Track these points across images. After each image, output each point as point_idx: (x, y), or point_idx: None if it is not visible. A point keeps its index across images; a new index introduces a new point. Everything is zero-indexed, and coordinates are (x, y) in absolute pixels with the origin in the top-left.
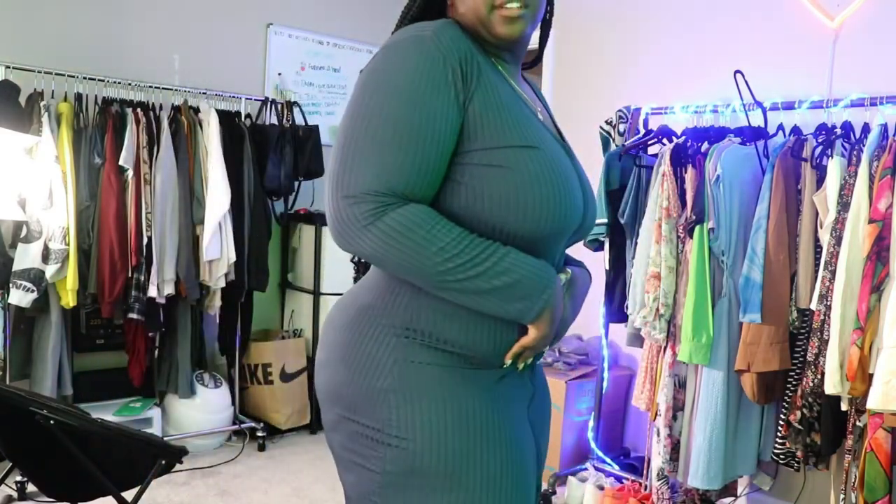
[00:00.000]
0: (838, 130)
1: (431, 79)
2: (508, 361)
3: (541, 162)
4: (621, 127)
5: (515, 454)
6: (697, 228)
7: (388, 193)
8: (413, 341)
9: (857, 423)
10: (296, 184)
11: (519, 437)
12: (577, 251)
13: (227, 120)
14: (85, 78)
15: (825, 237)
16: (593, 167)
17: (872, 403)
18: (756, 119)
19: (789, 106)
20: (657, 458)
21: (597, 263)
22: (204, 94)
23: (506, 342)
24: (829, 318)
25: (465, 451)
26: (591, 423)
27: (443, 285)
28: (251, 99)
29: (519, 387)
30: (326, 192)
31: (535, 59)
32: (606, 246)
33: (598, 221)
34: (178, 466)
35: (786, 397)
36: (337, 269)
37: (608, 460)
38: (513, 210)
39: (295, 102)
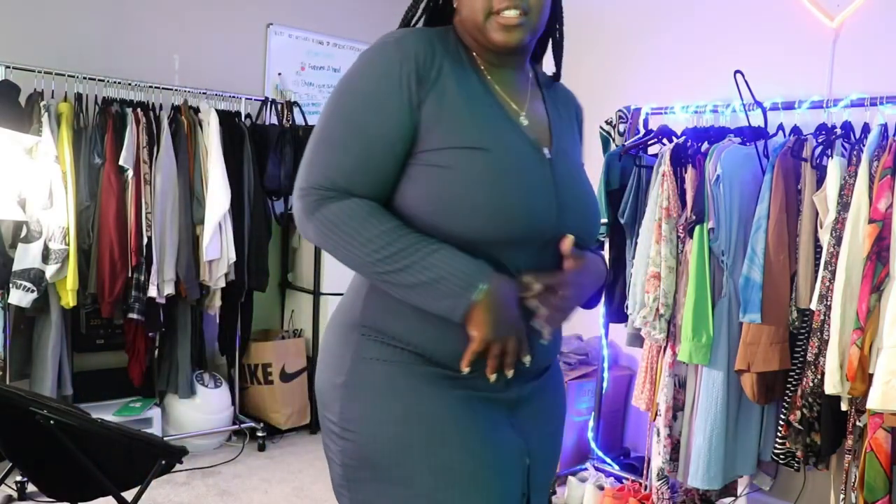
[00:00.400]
0: (838, 130)
1: (386, 82)
2: (465, 370)
3: (485, 164)
4: (621, 127)
5: (475, 449)
6: (697, 228)
7: (331, 188)
8: (368, 338)
9: (857, 423)
10: None
11: (484, 435)
12: None
13: (228, 120)
14: (85, 78)
15: (825, 237)
16: (594, 167)
17: (872, 403)
18: (756, 119)
19: (789, 106)
20: (657, 458)
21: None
22: (204, 94)
23: (453, 341)
24: (829, 318)
25: (409, 444)
26: (591, 423)
27: (376, 278)
28: (251, 99)
29: (493, 389)
30: None
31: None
32: (606, 246)
33: None
34: (178, 466)
35: (786, 397)
36: (337, 268)
37: (608, 460)
38: (451, 212)
39: (295, 102)
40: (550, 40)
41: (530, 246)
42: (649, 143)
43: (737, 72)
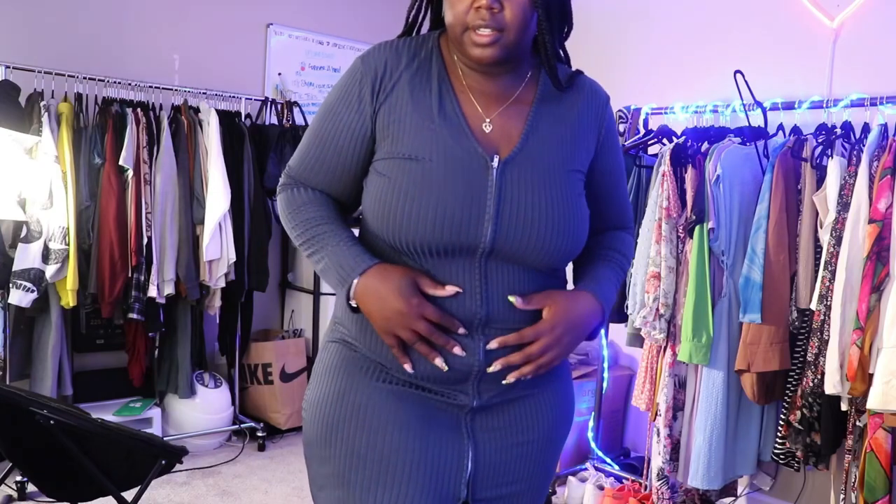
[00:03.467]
0: (838, 130)
1: (345, 94)
2: (408, 369)
3: (415, 174)
4: (621, 127)
5: (393, 437)
6: (697, 228)
7: (293, 177)
8: (335, 326)
9: (857, 423)
10: None
11: (411, 428)
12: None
13: (227, 120)
14: (85, 78)
15: (825, 237)
16: None
17: (872, 403)
18: (756, 119)
19: (789, 106)
20: (657, 458)
21: None
22: (204, 94)
23: (375, 334)
24: (829, 318)
25: (333, 425)
26: (591, 423)
27: (304, 252)
28: (251, 99)
29: (445, 394)
30: None
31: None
32: None
33: None
34: (178, 466)
35: (786, 397)
36: None
37: (608, 460)
38: (383, 221)
39: (295, 102)
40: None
41: (465, 258)
42: (649, 143)
43: (737, 72)
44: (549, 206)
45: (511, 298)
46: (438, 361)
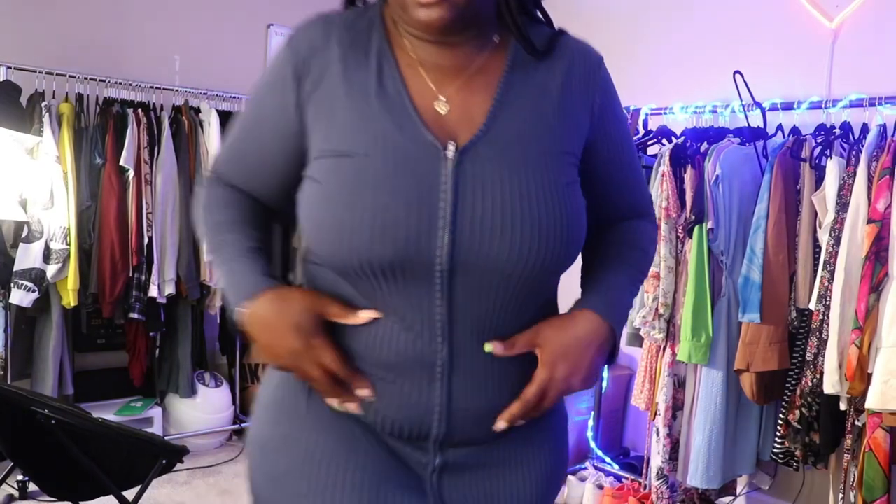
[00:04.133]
0: (837, 131)
1: (270, 78)
2: (352, 410)
3: (347, 174)
4: None
5: (313, 471)
6: (696, 228)
7: (216, 171)
8: None
9: (856, 423)
10: None
11: (365, 491)
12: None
13: (228, 120)
14: (86, 78)
15: (824, 237)
16: None
17: (871, 403)
18: (755, 119)
19: (788, 106)
20: (656, 458)
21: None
22: (205, 94)
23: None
24: (827, 317)
25: (277, 478)
26: (590, 423)
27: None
28: None
29: (402, 449)
30: None
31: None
32: None
33: None
34: (178, 466)
35: (785, 397)
36: None
37: (608, 459)
38: (312, 236)
39: None
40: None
41: (421, 280)
42: (649, 143)
43: (736, 72)
44: (527, 201)
45: (487, 347)
46: (350, 406)
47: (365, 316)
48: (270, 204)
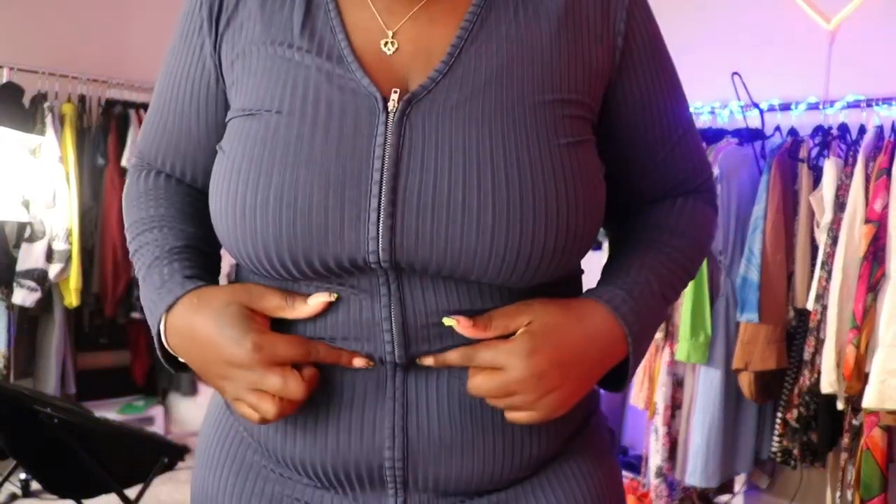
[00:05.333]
0: (834, 131)
1: (182, 26)
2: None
3: (255, 138)
4: None
5: None
6: None
7: (139, 155)
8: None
9: (854, 422)
10: None
11: None
12: None
13: None
14: (88, 79)
15: (822, 237)
16: None
17: (868, 402)
18: (753, 120)
19: (786, 107)
20: (655, 457)
21: (596, 263)
22: None
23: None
24: (825, 317)
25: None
26: None
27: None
28: None
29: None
30: None
31: None
32: (605, 246)
33: None
34: (180, 464)
35: (783, 396)
36: None
37: None
38: (216, 223)
39: None
40: None
41: (347, 283)
42: None
43: (734, 73)
44: (504, 171)
45: (447, 320)
46: (359, 362)
47: (314, 303)
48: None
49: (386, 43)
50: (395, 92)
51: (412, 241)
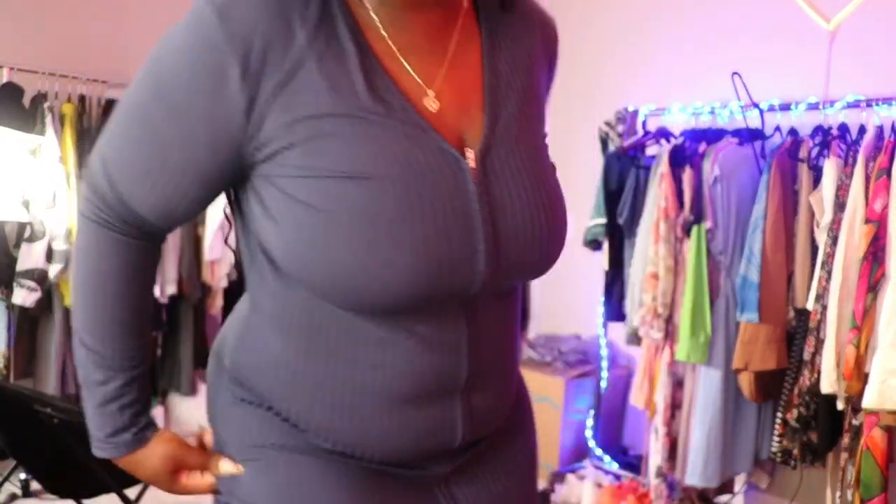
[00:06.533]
0: (834, 131)
1: (193, 74)
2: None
3: (365, 201)
4: (620, 128)
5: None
6: (695, 228)
7: (110, 191)
8: (235, 381)
9: (854, 422)
10: None
11: None
12: (576, 252)
13: None
14: (88, 80)
15: (822, 237)
16: (592, 168)
17: (868, 402)
18: (753, 120)
19: (786, 107)
20: (655, 456)
21: (596, 263)
22: None
23: (379, 436)
24: (825, 317)
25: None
26: (589, 422)
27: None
28: None
29: (408, 471)
30: None
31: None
32: (605, 246)
33: (596, 222)
34: None
35: (783, 396)
36: None
37: (607, 458)
38: (317, 271)
39: None
40: None
41: (448, 304)
42: (647, 144)
43: (734, 73)
44: (548, 201)
45: None
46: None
47: (224, 469)
48: (163, 231)
49: (429, 100)
50: (470, 151)
51: (503, 269)
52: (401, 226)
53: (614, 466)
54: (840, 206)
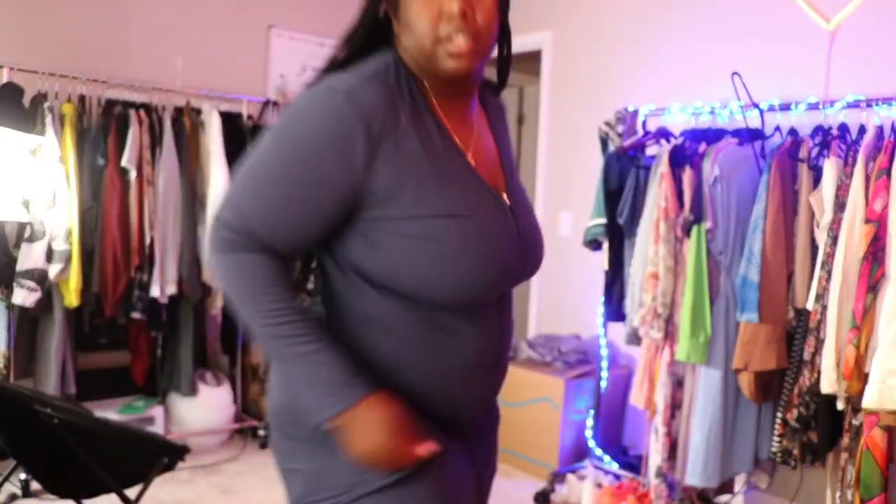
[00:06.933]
0: (834, 131)
1: (331, 145)
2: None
3: (466, 232)
4: (620, 128)
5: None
6: (695, 228)
7: (244, 233)
8: (388, 378)
9: (854, 422)
10: None
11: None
12: (576, 252)
13: (229, 121)
14: (88, 80)
15: (822, 237)
16: (592, 168)
17: (868, 402)
18: (753, 120)
19: (786, 107)
20: (655, 456)
21: (596, 263)
22: (206, 95)
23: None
24: (825, 317)
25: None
26: (589, 422)
27: (263, 342)
28: (253, 100)
29: (455, 422)
30: None
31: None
32: (605, 246)
33: (596, 222)
34: (180, 464)
35: (783, 396)
36: None
37: (607, 458)
38: (433, 282)
39: None
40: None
41: (495, 294)
42: (647, 143)
43: (734, 73)
44: (537, 224)
45: None
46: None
47: (424, 450)
48: (286, 257)
49: (469, 158)
50: (504, 195)
51: (529, 272)
52: (485, 248)
53: (614, 466)
54: (840, 206)
